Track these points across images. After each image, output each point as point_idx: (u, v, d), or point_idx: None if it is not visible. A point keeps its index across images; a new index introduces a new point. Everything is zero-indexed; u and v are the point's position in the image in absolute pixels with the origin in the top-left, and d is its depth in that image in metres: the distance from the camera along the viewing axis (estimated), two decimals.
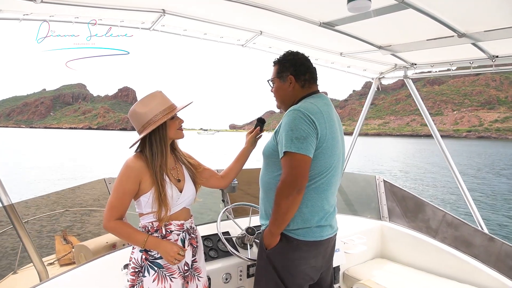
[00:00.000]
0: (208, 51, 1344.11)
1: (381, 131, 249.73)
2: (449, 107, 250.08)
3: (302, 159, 1.75)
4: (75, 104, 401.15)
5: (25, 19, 2.22)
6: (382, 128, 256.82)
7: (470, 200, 3.35)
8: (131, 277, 1.73)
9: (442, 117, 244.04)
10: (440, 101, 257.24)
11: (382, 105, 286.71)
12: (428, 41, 2.73)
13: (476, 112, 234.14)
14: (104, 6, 2.28)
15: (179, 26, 2.79)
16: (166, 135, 1.78)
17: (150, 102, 1.76)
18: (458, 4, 2.16)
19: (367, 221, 3.66)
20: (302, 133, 1.75)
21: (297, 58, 2.03)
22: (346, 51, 3.40)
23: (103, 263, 2.22)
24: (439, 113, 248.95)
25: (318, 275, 2.02)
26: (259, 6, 2.35)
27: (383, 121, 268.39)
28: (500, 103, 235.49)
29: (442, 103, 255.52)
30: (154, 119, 1.73)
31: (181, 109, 1.84)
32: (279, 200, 1.77)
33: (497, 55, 2.91)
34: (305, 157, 1.75)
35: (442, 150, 3.55)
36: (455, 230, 3.25)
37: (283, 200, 1.75)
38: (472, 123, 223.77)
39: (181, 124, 1.84)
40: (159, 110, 1.74)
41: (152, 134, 1.74)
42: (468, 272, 2.89)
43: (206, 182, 2.03)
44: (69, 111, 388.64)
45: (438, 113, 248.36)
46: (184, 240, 1.83)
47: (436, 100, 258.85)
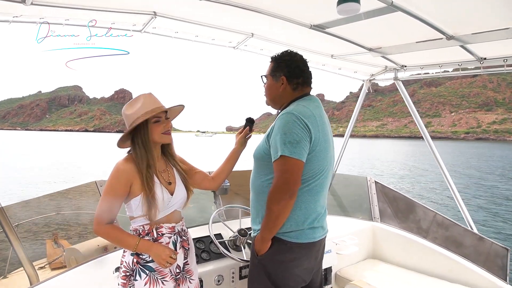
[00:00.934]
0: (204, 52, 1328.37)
1: (379, 133, 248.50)
2: (447, 108, 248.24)
3: (295, 164, 1.74)
4: (71, 106, 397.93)
5: (15, 21, 2.21)
6: (380, 130, 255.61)
7: (460, 200, 3.39)
8: (122, 281, 1.72)
9: (440, 118, 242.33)
10: (437, 103, 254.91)
11: (379, 107, 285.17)
12: (418, 43, 2.76)
13: (474, 113, 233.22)
14: (95, 8, 2.28)
15: (170, 28, 2.79)
16: (148, 138, 1.76)
17: (135, 103, 1.77)
18: (446, 7, 2.18)
19: (358, 222, 3.68)
20: (295, 137, 1.75)
21: (293, 60, 2.01)
22: (337, 53, 3.42)
23: (95, 266, 2.21)
24: (437, 114, 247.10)
25: (310, 277, 2.02)
26: (250, 8, 2.36)
27: (381, 123, 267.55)
28: (497, 105, 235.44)
29: (440, 105, 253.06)
30: (136, 121, 1.73)
31: (172, 112, 1.84)
32: (271, 205, 1.76)
33: (485, 57, 2.95)
34: (298, 161, 1.75)
35: (432, 151, 3.59)
36: (446, 230, 3.29)
37: (275, 204, 1.75)
38: (470, 125, 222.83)
39: (167, 128, 1.81)
40: (141, 112, 1.73)
41: (135, 137, 1.75)
42: (458, 271, 2.93)
43: (197, 184, 2.04)
44: (65, 113, 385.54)
45: (436, 115, 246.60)
46: (176, 242, 1.82)
47: (434, 102, 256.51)
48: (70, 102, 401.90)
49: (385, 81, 4.07)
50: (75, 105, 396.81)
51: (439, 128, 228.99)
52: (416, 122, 3.73)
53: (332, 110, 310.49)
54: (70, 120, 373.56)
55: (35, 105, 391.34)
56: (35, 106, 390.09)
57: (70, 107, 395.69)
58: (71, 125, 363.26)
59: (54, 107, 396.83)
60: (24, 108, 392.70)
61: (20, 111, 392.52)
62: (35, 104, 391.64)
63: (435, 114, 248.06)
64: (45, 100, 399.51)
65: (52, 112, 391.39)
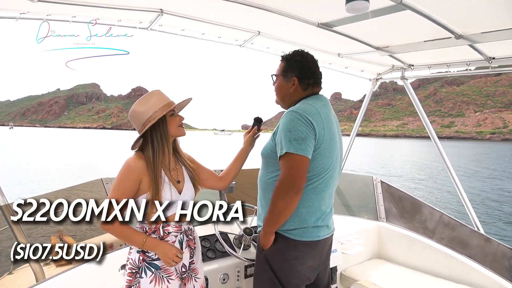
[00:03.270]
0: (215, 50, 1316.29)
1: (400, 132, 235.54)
2: (471, 108, 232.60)
3: (300, 160, 1.75)
4: (88, 103, 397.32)
5: (22, 18, 2.22)
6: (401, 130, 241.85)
7: (467, 200, 3.36)
8: (128, 278, 1.72)
9: (464, 118, 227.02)
10: (461, 102, 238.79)
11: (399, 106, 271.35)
12: (426, 42, 2.74)
13: (499, 113, 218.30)
14: (102, 6, 2.28)
15: (177, 26, 2.79)
16: (167, 132, 1.77)
17: (148, 100, 1.77)
18: (455, 5, 2.16)
19: (364, 221, 3.67)
20: (300, 134, 1.76)
21: (305, 61, 2.00)
22: (343, 52, 3.40)
23: (100, 263, 2.21)
24: (460, 114, 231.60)
25: (314, 275, 2.02)
26: (257, 6, 2.35)
27: (401, 122, 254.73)
28: None
29: (463, 104, 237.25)
30: (154, 116, 1.73)
31: (180, 104, 1.85)
32: (276, 200, 1.78)
33: (494, 56, 2.92)
34: (304, 158, 1.76)
35: (439, 151, 3.57)
36: (452, 231, 3.27)
37: (280, 200, 1.76)
38: (496, 125, 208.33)
39: (181, 121, 1.83)
40: (158, 107, 1.74)
41: (153, 131, 1.74)
42: (464, 272, 2.90)
43: (205, 183, 2.03)
44: (83, 110, 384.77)
45: (459, 115, 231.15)
46: (182, 241, 1.82)
47: (457, 101, 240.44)
48: (88, 100, 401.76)
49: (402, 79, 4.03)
50: (93, 102, 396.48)
51: (462, 128, 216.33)
52: (423, 121, 3.71)
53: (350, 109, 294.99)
54: (88, 117, 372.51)
55: (53, 102, 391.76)
56: (54, 104, 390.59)
57: (87, 105, 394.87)
58: (89, 122, 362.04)
59: (72, 105, 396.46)
60: (43, 105, 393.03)
61: (39, 108, 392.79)
62: (53, 102, 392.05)
63: (459, 114, 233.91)
64: (63, 97, 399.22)
65: (70, 110, 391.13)
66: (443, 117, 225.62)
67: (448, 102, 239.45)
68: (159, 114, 1.73)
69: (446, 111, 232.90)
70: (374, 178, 3.87)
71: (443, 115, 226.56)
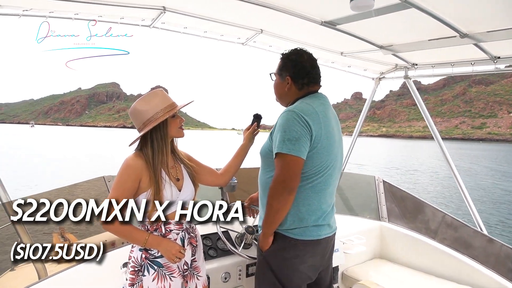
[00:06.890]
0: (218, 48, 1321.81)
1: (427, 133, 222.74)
2: (504, 108, 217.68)
3: (293, 160, 1.76)
4: (109, 102, 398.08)
5: (25, 15, 2.21)
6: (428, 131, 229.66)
7: (470, 200, 3.35)
8: (130, 276, 1.72)
9: (496, 119, 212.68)
10: (493, 102, 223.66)
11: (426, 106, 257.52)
12: (430, 41, 2.72)
13: None
14: (104, 3, 2.27)
15: (179, 24, 2.77)
16: (167, 133, 1.78)
17: (151, 99, 1.77)
18: (461, 4, 2.15)
19: (366, 221, 3.66)
20: (294, 134, 1.76)
21: (300, 60, 1.98)
22: (346, 51, 3.38)
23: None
24: (493, 115, 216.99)
25: (316, 274, 2.01)
26: (259, 4, 2.33)
27: None
28: None
29: (496, 104, 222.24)
30: (155, 117, 1.73)
31: (182, 107, 1.84)
32: (270, 200, 1.80)
33: (499, 56, 2.90)
34: (297, 158, 1.76)
35: (443, 151, 3.55)
36: (455, 231, 3.25)
37: (274, 200, 1.78)
38: None
39: (181, 123, 1.84)
40: (161, 108, 1.75)
41: (154, 132, 1.75)
42: (467, 273, 2.89)
43: (205, 180, 2.03)
44: (103, 109, 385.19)
45: (491, 115, 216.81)
46: (184, 239, 1.82)
47: (489, 101, 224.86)
48: (108, 99, 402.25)
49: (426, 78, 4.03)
50: (113, 101, 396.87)
51: (495, 130, 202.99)
52: (427, 122, 3.70)
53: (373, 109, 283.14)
54: (109, 116, 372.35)
55: (75, 101, 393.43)
56: (76, 102, 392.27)
57: (108, 104, 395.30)
58: (110, 121, 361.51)
59: (93, 104, 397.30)
60: (65, 104, 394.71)
61: (62, 107, 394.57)
62: (75, 100, 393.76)
63: (490, 115, 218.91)
64: (84, 96, 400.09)
65: (91, 108, 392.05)
66: (473, 118, 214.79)
67: (479, 102, 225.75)
68: (161, 115, 1.73)
69: (476, 111, 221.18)
70: (377, 177, 3.86)
71: (473, 116, 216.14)
